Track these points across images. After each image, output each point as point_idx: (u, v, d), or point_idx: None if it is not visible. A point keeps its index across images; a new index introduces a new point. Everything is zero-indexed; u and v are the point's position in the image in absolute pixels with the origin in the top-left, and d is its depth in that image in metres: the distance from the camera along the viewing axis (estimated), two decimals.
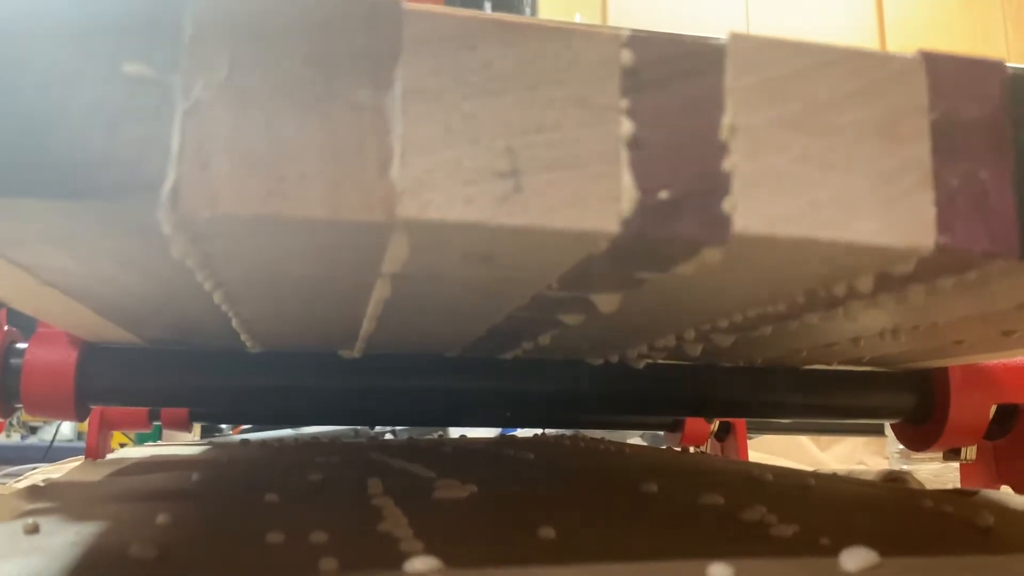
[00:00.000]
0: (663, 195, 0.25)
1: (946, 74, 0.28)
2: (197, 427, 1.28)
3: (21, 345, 0.54)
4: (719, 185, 0.26)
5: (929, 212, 0.27)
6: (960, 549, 0.35)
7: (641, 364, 0.59)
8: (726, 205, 0.25)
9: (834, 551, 0.33)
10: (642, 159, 0.25)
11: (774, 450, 1.41)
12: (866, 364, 0.63)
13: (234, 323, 0.43)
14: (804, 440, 1.46)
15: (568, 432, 1.21)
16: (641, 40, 0.26)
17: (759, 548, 0.34)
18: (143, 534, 0.34)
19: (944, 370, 0.63)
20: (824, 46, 0.27)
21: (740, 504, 0.40)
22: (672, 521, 0.39)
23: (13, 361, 0.53)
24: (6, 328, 0.54)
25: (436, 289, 0.35)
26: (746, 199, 0.26)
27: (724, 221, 0.25)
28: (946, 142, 0.27)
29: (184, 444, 0.91)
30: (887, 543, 0.34)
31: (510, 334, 0.48)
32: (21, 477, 1.06)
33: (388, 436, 1.48)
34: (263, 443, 0.84)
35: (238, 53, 0.24)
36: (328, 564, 0.29)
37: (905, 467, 1.05)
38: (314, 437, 0.93)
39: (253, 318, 0.43)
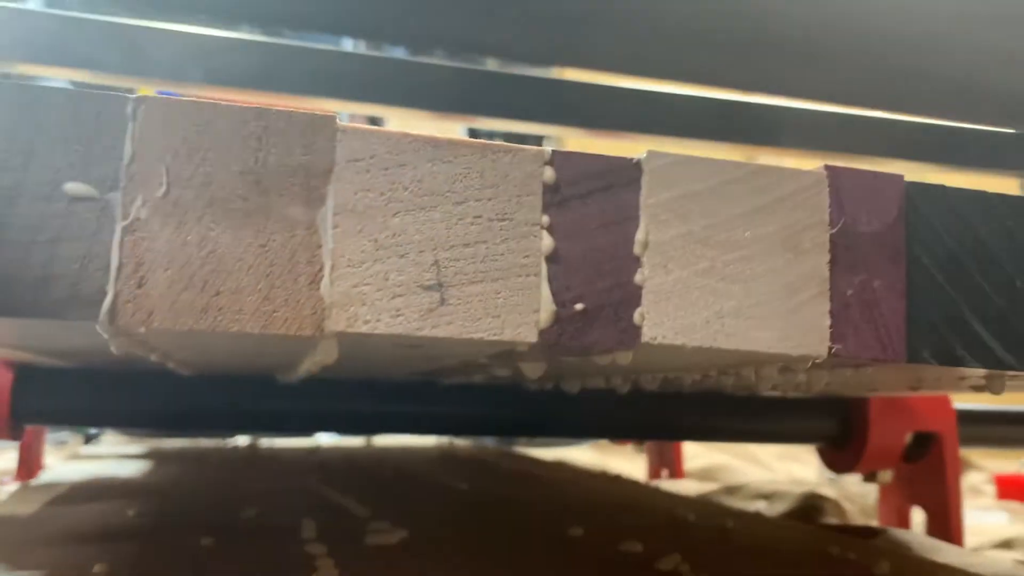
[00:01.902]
0: (579, 307, 0.27)
1: (848, 188, 0.30)
2: None
3: None
4: (631, 296, 0.27)
5: (824, 322, 0.29)
6: None
7: (575, 390, 0.61)
8: (636, 316, 0.27)
9: None
10: (560, 272, 0.27)
11: (713, 444, 1.45)
12: (789, 392, 0.66)
13: (169, 365, 0.44)
14: None
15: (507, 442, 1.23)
16: (563, 157, 0.28)
17: None
18: None
19: (864, 400, 0.67)
20: (733, 163, 0.29)
21: (658, 552, 0.42)
22: (592, 571, 0.41)
23: None
24: None
25: (368, 359, 0.36)
26: (655, 310, 0.27)
27: (634, 330, 0.27)
28: (844, 254, 0.29)
29: (120, 456, 0.90)
30: None
31: (444, 375, 0.50)
32: None
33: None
34: (200, 457, 0.85)
35: (175, 168, 0.25)
36: None
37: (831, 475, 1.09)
38: (251, 446, 0.94)
39: (187, 363, 0.44)
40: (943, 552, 0.50)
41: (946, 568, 0.44)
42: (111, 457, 0.87)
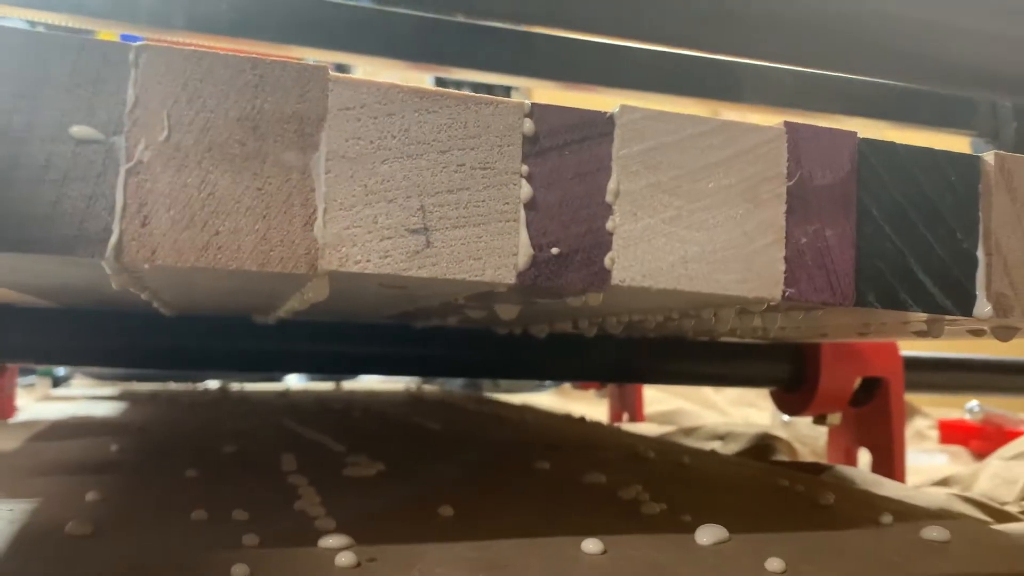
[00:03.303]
0: (554, 251, 0.29)
1: (804, 143, 0.32)
2: None
3: None
4: (602, 242, 0.29)
5: (779, 267, 0.31)
6: (799, 526, 0.41)
7: (543, 334, 0.64)
8: (607, 260, 0.29)
9: (693, 528, 0.38)
10: (537, 219, 0.29)
11: (672, 390, 1.49)
12: (746, 338, 0.69)
13: (154, 304, 0.46)
14: None
15: (474, 388, 1.26)
16: (541, 109, 0.29)
17: (630, 525, 0.40)
18: (76, 511, 0.37)
19: (816, 345, 0.70)
20: (699, 119, 0.31)
21: (619, 483, 0.45)
22: (559, 499, 0.44)
23: None
24: None
25: (352, 299, 0.38)
26: (624, 255, 0.30)
27: (605, 274, 0.29)
28: (800, 205, 0.32)
29: (96, 397, 0.92)
30: (739, 520, 0.40)
31: (421, 316, 0.52)
32: None
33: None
34: (173, 399, 0.86)
35: (176, 114, 0.26)
36: (251, 540, 0.33)
37: (786, 418, 1.13)
38: (221, 389, 0.96)
39: (173, 302, 0.45)
40: (884, 486, 0.54)
41: (886, 499, 0.48)
42: (84, 399, 0.88)
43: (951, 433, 1.08)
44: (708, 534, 0.37)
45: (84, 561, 0.31)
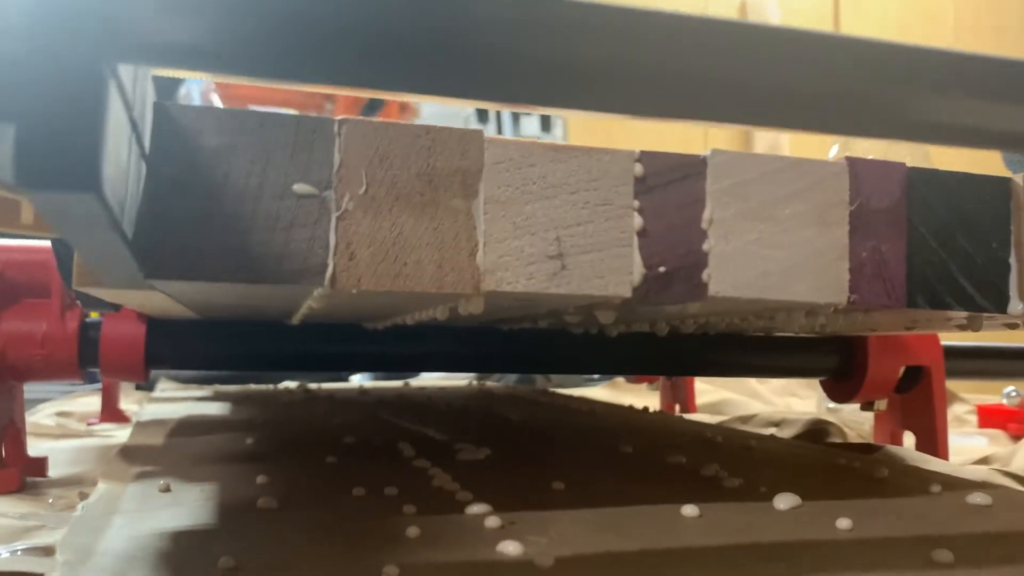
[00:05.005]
0: (661, 269, 0.36)
1: (863, 174, 0.39)
2: None
3: (92, 320, 0.63)
4: (700, 261, 0.36)
5: (844, 278, 0.38)
6: (860, 494, 0.48)
7: (615, 333, 0.71)
8: (704, 275, 0.36)
9: (769, 497, 0.45)
10: (647, 244, 0.36)
11: (718, 382, 1.55)
12: (800, 333, 0.75)
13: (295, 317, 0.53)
14: None
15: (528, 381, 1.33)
16: (648, 156, 0.36)
17: (716, 495, 0.47)
18: (256, 491, 0.45)
19: (864, 338, 0.76)
20: (775, 157, 0.38)
21: (699, 462, 0.52)
22: (650, 476, 0.51)
23: (91, 334, 0.62)
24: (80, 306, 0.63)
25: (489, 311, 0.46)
26: (718, 271, 0.36)
27: (703, 287, 0.36)
28: (860, 225, 0.38)
29: (194, 398, 1.00)
30: (808, 490, 0.46)
31: (512, 322, 0.59)
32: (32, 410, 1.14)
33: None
34: (269, 398, 0.94)
35: (371, 172, 0.33)
36: (409, 510, 0.41)
37: (831, 404, 1.19)
38: (303, 388, 1.04)
39: (314, 313, 0.53)
40: (932, 463, 0.60)
41: (933, 473, 0.54)
42: (185, 400, 0.97)
43: (989, 417, 1.14)
44: (785, 501, 0.44)
45: (284, 527, 0.38)
